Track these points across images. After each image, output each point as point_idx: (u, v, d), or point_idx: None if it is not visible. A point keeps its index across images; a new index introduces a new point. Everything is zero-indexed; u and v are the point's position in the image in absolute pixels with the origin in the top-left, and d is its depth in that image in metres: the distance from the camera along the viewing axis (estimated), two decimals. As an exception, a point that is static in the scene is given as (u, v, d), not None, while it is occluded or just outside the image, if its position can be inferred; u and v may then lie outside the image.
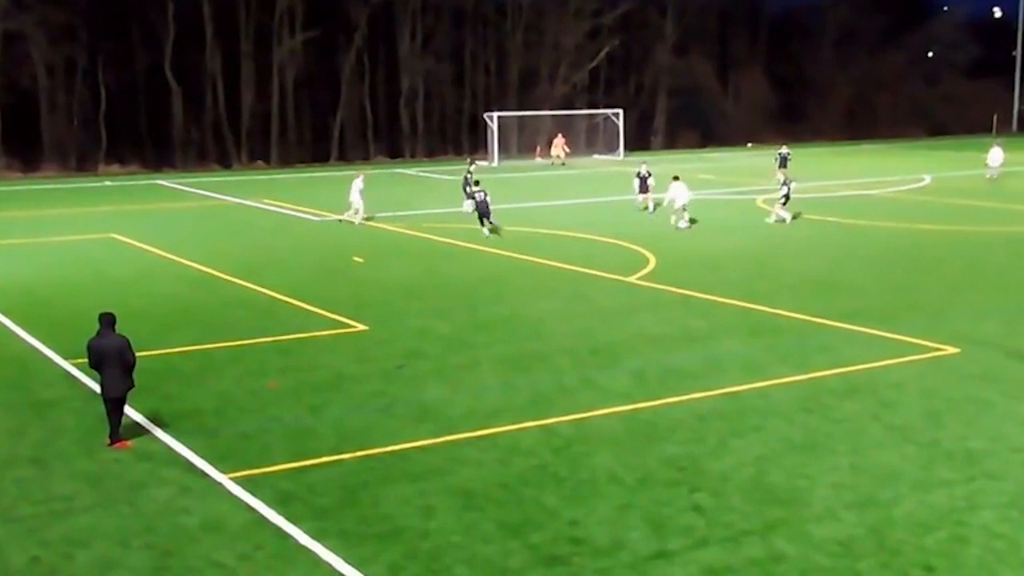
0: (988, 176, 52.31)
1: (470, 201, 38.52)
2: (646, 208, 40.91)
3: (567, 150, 68.73)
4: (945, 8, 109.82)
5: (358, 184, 38.87)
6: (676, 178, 37.47)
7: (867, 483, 13.48)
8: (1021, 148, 73.76)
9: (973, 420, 15.86)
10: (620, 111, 74.47)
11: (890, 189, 48.41)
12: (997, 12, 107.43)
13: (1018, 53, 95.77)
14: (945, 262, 29.82)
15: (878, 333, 21.09)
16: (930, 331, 21.05)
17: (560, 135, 70.40)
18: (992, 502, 12.84)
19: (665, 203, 38.31)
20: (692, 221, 36.61)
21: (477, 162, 48.46)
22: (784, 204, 36.87)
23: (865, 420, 15.95)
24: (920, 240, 33.36)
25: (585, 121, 76.27)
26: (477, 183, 36.73)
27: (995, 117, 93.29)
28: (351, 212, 38.90)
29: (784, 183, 37.13)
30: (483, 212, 34.80)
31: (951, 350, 19.76)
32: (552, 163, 67.29)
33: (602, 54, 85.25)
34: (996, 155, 52.15)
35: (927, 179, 53.29)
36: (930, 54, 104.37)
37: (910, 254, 31.02)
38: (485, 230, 34.60)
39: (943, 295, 25.20)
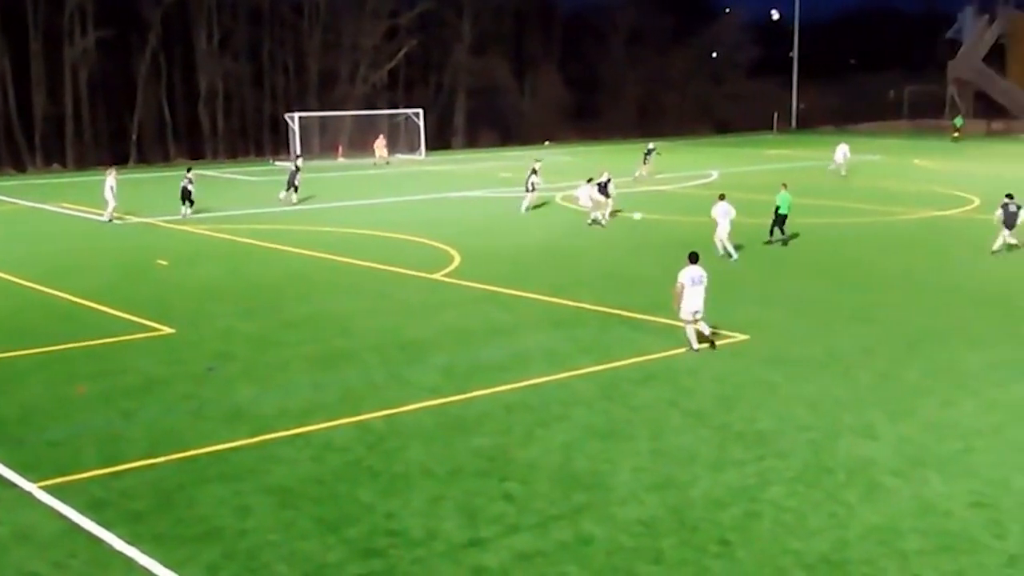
0: (839, 172, 54.37)
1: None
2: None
3: (385, 151, 68.29)
4: (727, 10, 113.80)
5: (110, 181, 39.41)
6: (590, 180, 38.10)
7: (666, 466, 14.19)
8: (799, 144, 77.62)
9: (761, 403, 16.83)
10: (420, 111, 74.79)
11: (681, 185, 50.16)
12: (775, 14, 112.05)
13: (795, 54, 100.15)
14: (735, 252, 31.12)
15: (673, 323, 21.89)
16: (720, 319, 22.00)
17: (381, 135, 70.02)
18: (780, 478, 13.71)
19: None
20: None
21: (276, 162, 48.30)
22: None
23: (663, 406, 16.73)
24: (711, 233, 34.66)
25: (386, 121, 76.24)
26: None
27: (775, 115, 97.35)
28: (109, 209, 39.41)
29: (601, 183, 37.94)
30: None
31: (740, 336, 20.87)
32: (375, 163, 66.58)
33: (400, 54, 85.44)
34: (841, 152, 54.20)
35: (714, 175, 55.41)
36: (714, 54, 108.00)
37: (702, 247, 32.19)
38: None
39: (731, 285, 26.30)
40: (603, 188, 38.11)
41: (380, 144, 68.22)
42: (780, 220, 32.26)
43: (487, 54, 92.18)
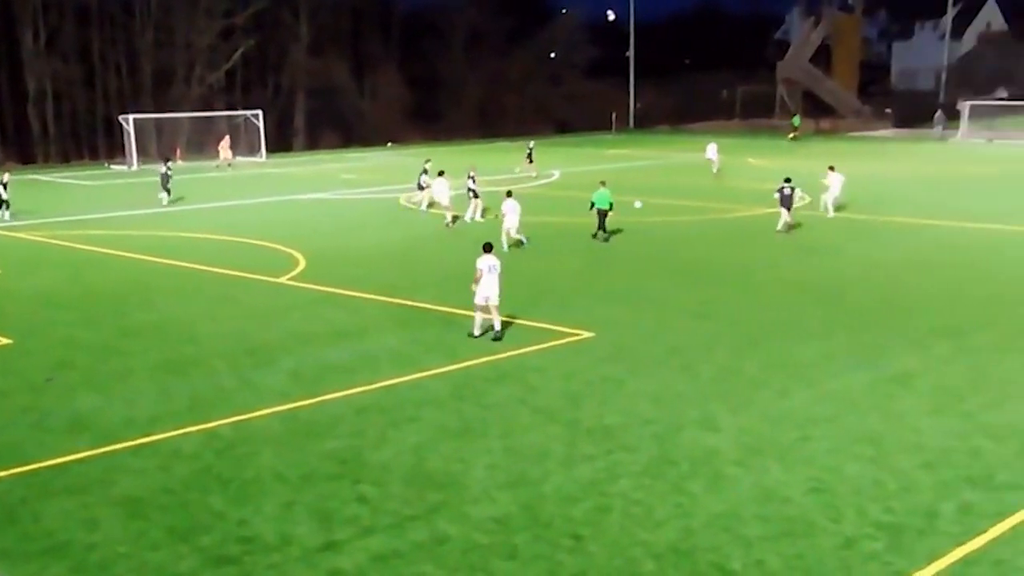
0: (712, 170, 55.42)
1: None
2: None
3: (229, 152, 66.89)
4: (564, 11, 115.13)
5: None
6: (438, 174, 38.32)
7: (518, 463, 14.42)
8: (637, 144, 79.12)
9: (608, 398, 17.22)
10: (259, 112, 73.66)
11: (524, 185, 50.60)
12: (611, 15, 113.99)
13: (631, 54, 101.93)
14: (577, 252, 31.67)
15: (521, 322, 22.33)
16: (567, 317, 22.53)
17: (227, 137, 68.58)
18: (628, 471, 14.08)
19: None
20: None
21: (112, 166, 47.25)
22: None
23: (513, 404, 16.97)
24: (554, 232, 35.22)
25: (225, 123, 74.89)
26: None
27: (613, 115, 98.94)
28: None
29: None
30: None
31: (586, 334, 21.25)
32: (218, 166, 65.03)
33: (237, 54, 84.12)
34: (711, 150, 55.23)
35: (556, 174, 56.11)
36: (552, 55, 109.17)
37: (546, 246, 32.73)
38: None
39: (577, 283, 26.84)
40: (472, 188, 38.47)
41: (224, 146, 66.94)
42: (601, 216, 33.25)
43: (325, 54, 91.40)
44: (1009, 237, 32.50)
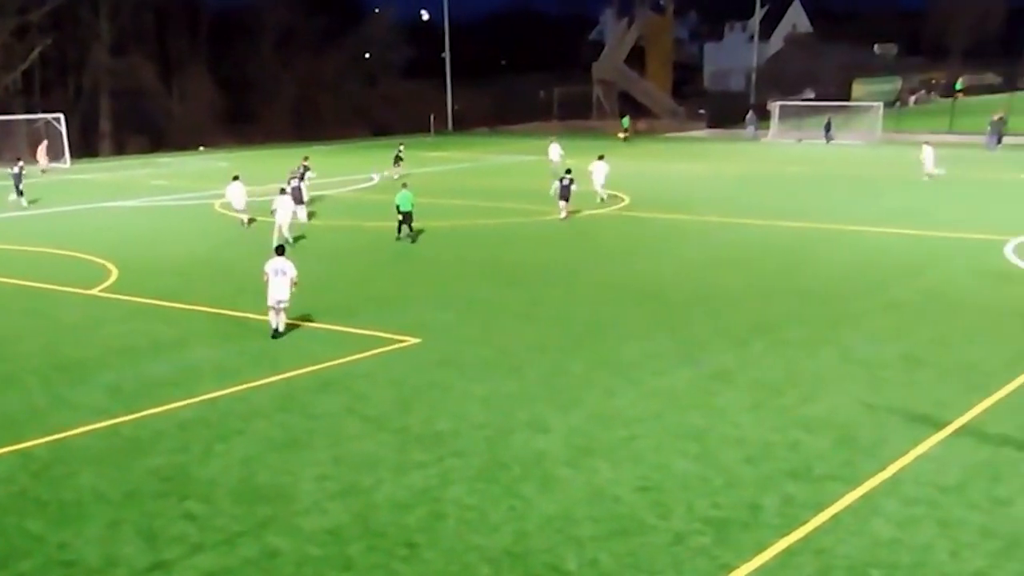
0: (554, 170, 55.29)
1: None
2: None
3: (46, 158, 64.06)
4: (376, 10, 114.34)
5: None
6: (232, 179, 37.78)
7: (349, 473, 14.27)
8: (456, 147, 79.31)
9: (438, 404, 17.19)
10: (61, 116, 70.69)
11: (343, 189, 50.19)
12: (425, 15, 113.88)
13: (447, 55, 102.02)
14: (401, 257, 31.54)
15: (346, 329, 22.10)
16: (392, 323, 22.40)
17: (45, 142, 65.55)
18: (461, 476, 14.09)
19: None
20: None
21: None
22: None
23: (341, 413, 16.78)
24: (374, 237, 35.01)
25: (25, 127, 71.75)
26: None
27: (432, 116, 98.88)
28: None
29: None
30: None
31: (413, 340, 21.16)
32: (43, 171, 62.01)
33: (34, 54, 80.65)
34: (555, 151, 55.11)
35: (375, 178, 55.75)
36: (367, 55, 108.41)
37: (367, 251, 32.53)
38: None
39: (400, 288, 26.71)
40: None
41: (42, 151, 64.14)
42: (406, 218, 33.60)
43: (129, 54, 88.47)
44: (817, 234, 33.78)
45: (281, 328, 21.77)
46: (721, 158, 65.47)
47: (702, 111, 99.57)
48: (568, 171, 37.82)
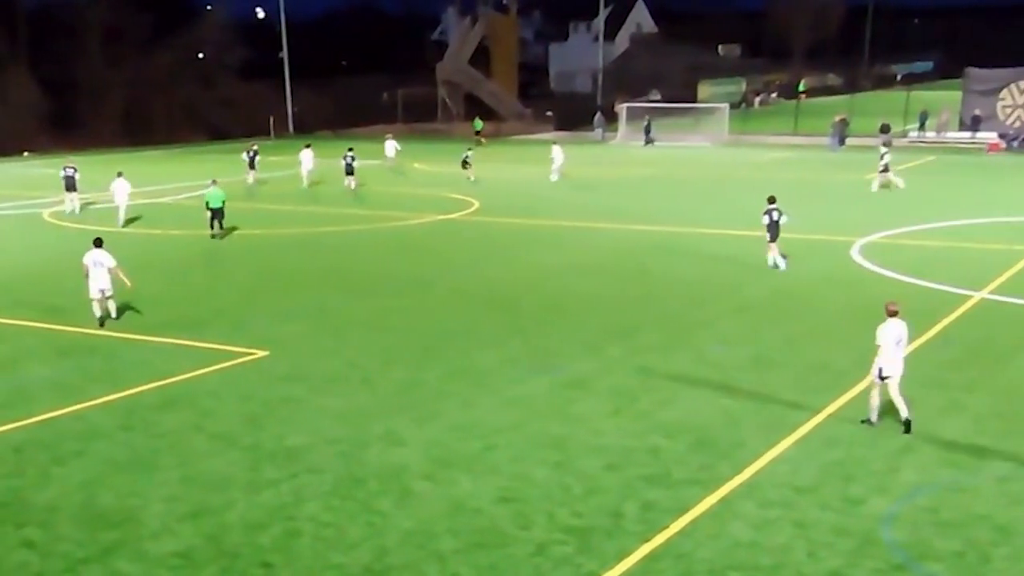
0: (390, 166, 56.30)
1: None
2: None
3: None
4: (209, 7, 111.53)
5: None
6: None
7: (198, 493, 13.76)
8: (297, 150, 78.07)
9: (289, 419, 16.74)
10: None
11: (179, 196, 48.78)
12: (260, 13, 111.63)
13: (285, 55, 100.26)
14: (241, 267, 30.77)
15: (189, 343, 21.40)
16: (238, 336, 21.81)
17: None
18: (316, 492, 13.73)
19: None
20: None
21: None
22: None
23: (188, 431, 16.20)
24: (218, 246, 34.13)
25: None
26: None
27: (271, 119, 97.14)
28: None
29: None
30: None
31: (260, 353, 20.61)
32: None
33: None
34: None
35: (212, 187, 54.32)
36: (201, 55, 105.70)
37: (205, 261, 31.62)
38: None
39: (245, 300, 26.03)
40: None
41: None
42: (216, 214, 35.30)
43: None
44: (668, 238, 34.05)
45: (113, 314, 23.00)
46: (570, 161, 66.01)
47: (549, 113, 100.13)
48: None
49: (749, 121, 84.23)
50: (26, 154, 79.10)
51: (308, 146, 52.84)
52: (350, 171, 47.90)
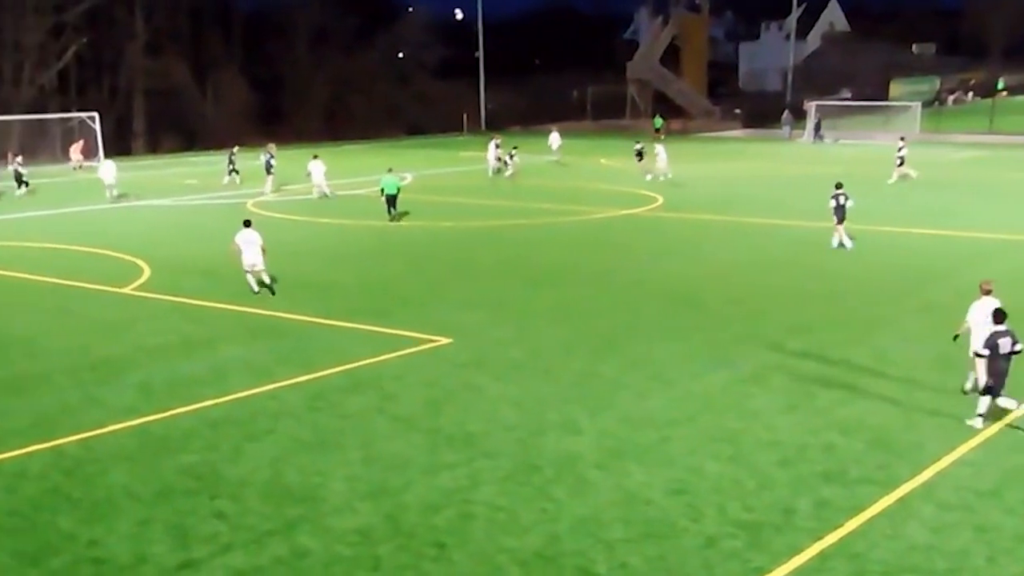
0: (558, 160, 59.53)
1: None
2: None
3: (80, 156, 64.62)
4: (410, 9, 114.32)
5: None
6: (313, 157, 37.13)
7: (378, 473, 14.19)
8: (483, 146, 79.12)
9: (469, 404, 17.10)
10: (96, 114, 71.07)
11: (375, 189, 50.04)
12: (459, 14, 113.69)
13: (481, 54, 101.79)
14: (429, 257, 31.45)
15: (376, 329, 22.05)
16: (423, 324, 22.33)
17: (81, 140, 66.10)
18: (491, 478, 13.99)
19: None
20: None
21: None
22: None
23: (371, 414, 16.71)
24: (407, 237, 35.01)
25: (59, 126, 72.15)
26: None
27: (465, 116, 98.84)
28: None
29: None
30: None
31: (444, 341, 21.07)
32: (75, 169, 62.73)
33: (69, 53, 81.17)
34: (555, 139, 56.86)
35: (408, 177, 55.72)
36: (400, 55, 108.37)
37: (399, 251, 32.47)
38: None
39: (431, 289, 26.62)
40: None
41: (77, 149, 64.65)
42: (391, 200, 38.33)
43: (164, 54, 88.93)
44: (853, 236, 33.32)
45: (267, 280, 25.57)
46: (756, 158, 65.14)
47: (737, 111, 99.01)
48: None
49: (942, 120, 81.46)
50: (236, 149, 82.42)
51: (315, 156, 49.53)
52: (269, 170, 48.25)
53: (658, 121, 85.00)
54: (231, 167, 53.06)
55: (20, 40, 78.08)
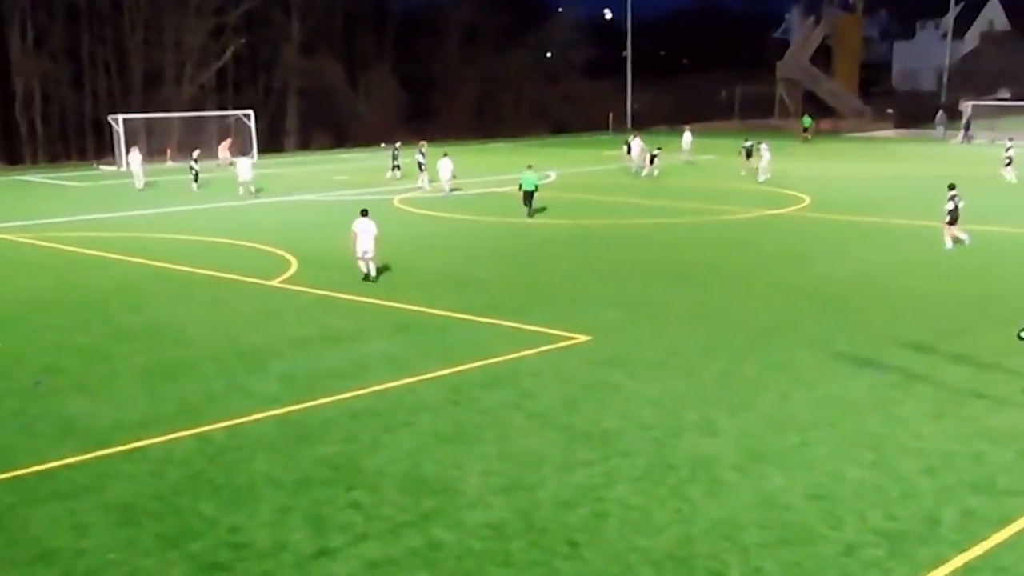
0: (689, 160, 60.48)
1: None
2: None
3: (228, 152, 66.79)
4: (560, 9, 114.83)
5: None
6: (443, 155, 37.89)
7: (513, 468, 14.20)
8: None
9: (605, 402, 17.00)
10: (251, 112, 73.19)
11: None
12: (608, 14, 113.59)
13: (628, 54, 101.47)
14: (568, 255, 31.42)
15: (515, 325, 22.11)
16: (562, 321, 22.29)
17: (229, 139, 68.43)
18: (626, 477, 13.86)
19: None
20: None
21: None
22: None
23: (508, 409, 16.74)
24: (548, 234, 35.07)
25: (216, 123, 74.45)
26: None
27: (611, 115, 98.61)
28: None
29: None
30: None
31: (582, 338, 21.01)
32: (219, 165, 65.03)
33: (228, 54, 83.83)
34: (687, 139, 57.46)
35: (552, 175, 55.88)
36: (549, 54, 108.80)
37: (539, 248, 32.54)
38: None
39: (570, 286, 26.59)
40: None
41: (225, 146, 66.76)
42: (528, 196, 38.79)
43: (317, 54, 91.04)
44: (1007, 239, 32.29)
45: (373, 273, 26.91)
46: (908, 159, 63.41)
47: (890, 111, 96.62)
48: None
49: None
50: (383, 145, 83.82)
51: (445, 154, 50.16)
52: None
53: (806, 120, 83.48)
54: (394, 162, 54.39)
55: (182, 41, 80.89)
